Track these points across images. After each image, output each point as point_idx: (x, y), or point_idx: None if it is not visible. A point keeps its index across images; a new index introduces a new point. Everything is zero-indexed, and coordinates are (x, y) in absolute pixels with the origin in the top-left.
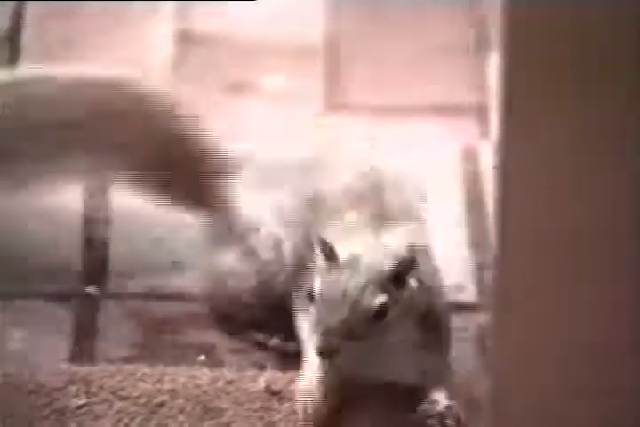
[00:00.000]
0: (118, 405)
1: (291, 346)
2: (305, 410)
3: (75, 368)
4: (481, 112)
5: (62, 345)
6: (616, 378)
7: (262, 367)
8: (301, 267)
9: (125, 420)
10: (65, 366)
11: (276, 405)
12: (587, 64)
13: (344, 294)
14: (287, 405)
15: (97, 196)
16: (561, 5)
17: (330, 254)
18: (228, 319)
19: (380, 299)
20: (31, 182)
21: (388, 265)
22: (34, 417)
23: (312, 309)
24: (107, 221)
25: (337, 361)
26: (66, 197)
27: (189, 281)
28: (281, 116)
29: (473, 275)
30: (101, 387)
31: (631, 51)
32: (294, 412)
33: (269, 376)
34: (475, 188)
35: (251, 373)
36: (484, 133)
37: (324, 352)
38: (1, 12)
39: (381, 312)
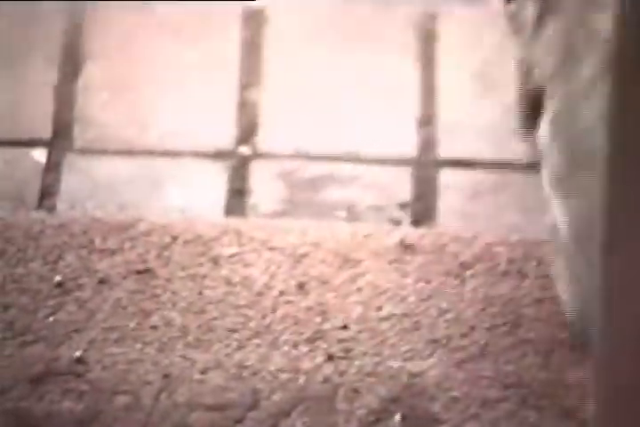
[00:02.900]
0: (267, 254)
1: None
2: None
3: (228, 220)
4: None
5: (217, 201)
6: None
7: (397, 223)
8: None
9: (273, 268)
10: (220, 218)
11: (408, 257)
12: None
13: None
14: (419, 257)
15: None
16: None
17: None
18: None
19: None
20: None
21: None
22: (191, 264)
23: None
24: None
25: None
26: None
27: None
28: None
29: None
30: (252, 238)
31: None
32: (424, 264)
33: (403, 231)
34: None
35: (387, 228)
36: None
37: None
38: None
39: None
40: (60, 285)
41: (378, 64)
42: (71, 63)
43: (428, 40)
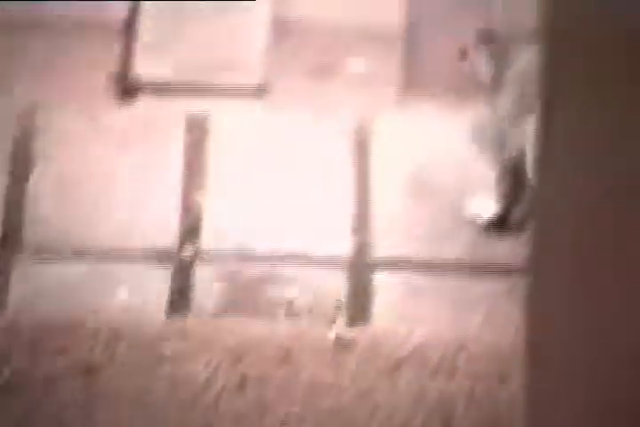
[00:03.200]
0: (209, 352)
1: None
2: None
3: (172, 319)
4: None
5: (161, 300)
6: None
7: (334, 322)
8: None
9: (214, 365)
10: (163, 317)
11: (344, 354)
12: None
13: None
14: (354, 355)
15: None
16: None
17: None
18: None
19: None
20: None
21: None
22: (136, 362)
23: None
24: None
25: None
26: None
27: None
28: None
29: None
30: (194, 336)
31: None
32: (360, 361)
33: (339, 329)
34: None
35: (323, 325)
36: None
37: None
38: None
39: None
40: (7, 383)
41: (315, 168)
42: (21, 166)
43: (362, 143)
